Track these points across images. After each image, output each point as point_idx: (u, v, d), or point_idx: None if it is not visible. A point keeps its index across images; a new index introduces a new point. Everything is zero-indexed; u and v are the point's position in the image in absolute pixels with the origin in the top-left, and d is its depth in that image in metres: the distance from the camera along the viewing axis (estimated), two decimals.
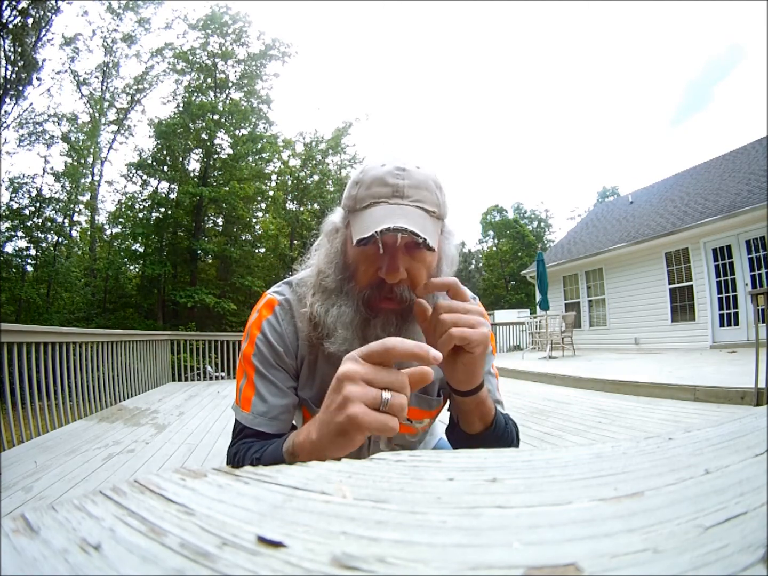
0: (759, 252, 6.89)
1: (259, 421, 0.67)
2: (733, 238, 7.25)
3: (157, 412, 4.17)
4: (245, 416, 0.67)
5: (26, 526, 0.19)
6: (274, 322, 0.69)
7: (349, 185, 0.63)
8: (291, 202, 19.33)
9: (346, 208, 0.64)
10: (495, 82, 57.71)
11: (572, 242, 12.19)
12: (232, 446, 0.70)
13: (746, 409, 2.14)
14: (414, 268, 0.60)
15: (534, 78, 57.06)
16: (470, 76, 59.88)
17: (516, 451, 0.29)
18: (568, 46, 56.72)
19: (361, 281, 0.62)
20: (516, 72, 57.33)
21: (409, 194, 0.58)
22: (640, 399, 3.65)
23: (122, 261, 16.06)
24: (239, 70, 17.64)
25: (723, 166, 9.73)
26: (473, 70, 57.45)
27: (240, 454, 0.66)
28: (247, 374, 0.69)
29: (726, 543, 0.16)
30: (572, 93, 58.16)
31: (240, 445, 0.67)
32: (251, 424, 0.67)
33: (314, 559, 0.16)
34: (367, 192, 0.59)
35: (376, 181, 0.59)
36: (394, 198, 0.58)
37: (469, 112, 60.58)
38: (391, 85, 56.53)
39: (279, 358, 0.69)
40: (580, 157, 58.74)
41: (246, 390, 0.68)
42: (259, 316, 0.70)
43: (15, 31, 13.27)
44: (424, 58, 57.62)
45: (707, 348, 7.37)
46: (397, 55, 56.44)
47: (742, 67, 53.81)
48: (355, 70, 50.51)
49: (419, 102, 58.91)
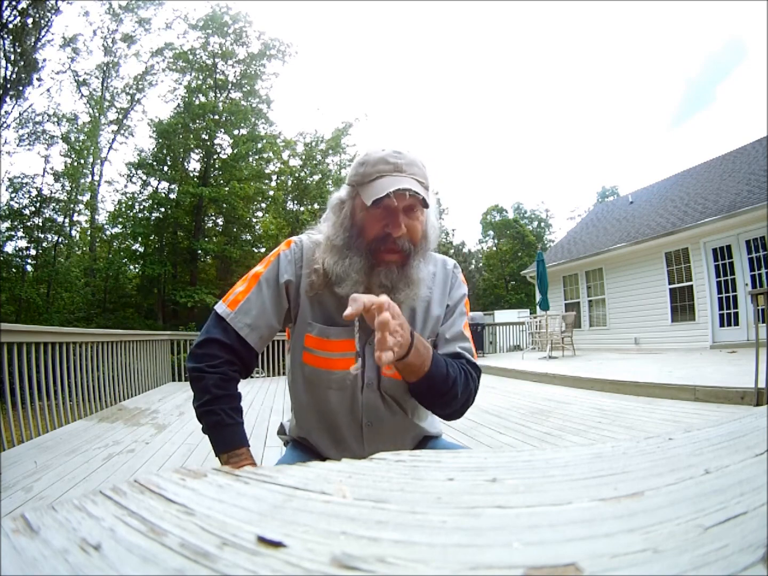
0: (759, 252, 6.89)
1: (239, 320, 0.78)
2: (733, 238, 7.25)
3: (157, 412, 4.17)
4: (228, 312, 0.79)
5: (26, 526, 0.19)
6: (289, 255, 0.84)
7: (355, 165, 0.79)
8: (291, 202, 19.32)
9: (354, 183, 0.79)
10: (495, 82, 57.76)
11: (572, 242, 12.19)
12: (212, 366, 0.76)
13: (746, 409, 2.14)
14: (411, 225, 0.77)
15: (533, 78, 57.10)
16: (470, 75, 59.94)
17: (516, 451, 0.29)
18: (568, 46, 56.79)
19: (369, 236, 0.77)
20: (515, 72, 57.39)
21: (406, 170, 0.75)
22: (640, 399, 3.65)
23: (122, 261, 16.04)
24: (239, 70, 17.62)
25: (723, 166, 9.73)
26: (473, 70, 57.48)
27: (215, 390, 0.74)
28: (248, 285, 0.82)
29: (726, 543, 0.16)
30: (572, 92, 58.21)
31: (220, 379, 0.75)
32: (231, 321, 0.78)
33: (314, 559, 0.16)
34: (374, 168, 0.75)
35: (380, 161, 0.75)
36: (395, 172, 0.74)
37: (469, 112, 60.64)
38: (391, 85, 56.56)
39: (279, 292, 0.81)
40: (580, 157, 58.74)
41: (239, 295, 0.81)
42: (277, 249, 0.86)
43: (15, 31, 13.27)
44: (423, 58, 57.67)
45: (707, 348, 7.36)
46: (396, 55, 56.49)
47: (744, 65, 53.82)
48: (354, 70, 50.47)
49: (419, 102, 58.96)
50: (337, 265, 0.77)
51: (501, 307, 23.08)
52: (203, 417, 0.75)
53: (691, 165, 11.36)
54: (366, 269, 0.76)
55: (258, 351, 0.82)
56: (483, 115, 59.29)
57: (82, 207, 16.33)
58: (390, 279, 0.75)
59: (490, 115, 59.63)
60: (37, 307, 13.56)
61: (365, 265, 0.76)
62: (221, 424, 0.74)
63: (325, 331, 0.80)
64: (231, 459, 0.73)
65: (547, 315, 7.85)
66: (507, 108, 59.10)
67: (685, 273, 8.13)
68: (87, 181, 16.23)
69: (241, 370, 0.80)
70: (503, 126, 59.58)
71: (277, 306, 0.82)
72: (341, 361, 0.80)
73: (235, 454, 0.73)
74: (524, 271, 13.05)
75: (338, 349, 0.80)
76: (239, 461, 0.73)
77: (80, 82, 16.55)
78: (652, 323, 8.62)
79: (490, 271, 30.52)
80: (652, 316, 8.65)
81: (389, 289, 0.76)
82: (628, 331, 9.13)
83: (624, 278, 9.32)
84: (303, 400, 0.86)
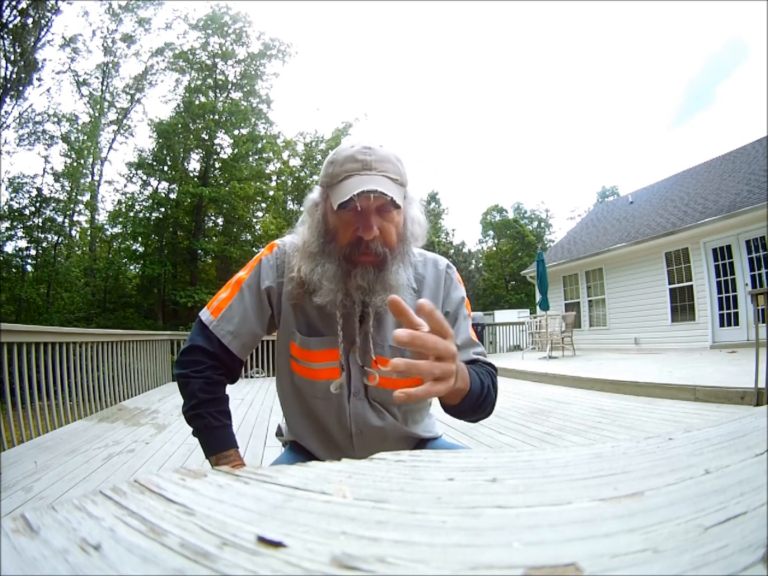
0: (759, 252, 6.89)
1: (222, 327, 0.78)
2: (733, 238, 7.25)
3: (157, 412, 4.17)
4: (211, 320, 0.79)
5: (26, 526, 0.19)
6: (271, 260, 0.82)
7: (325, 166, 0.74)
8: (291, 202, 19.32)
9: (324, 185, 0.74)
10: (494, 82, 57.74)
11: (572, 242, 12.18)
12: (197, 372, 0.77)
13: (746, 409, 2.14)
14: (385, 227, 0.71)
15: (534, 77, 57.09)
16: (470, 75, 59.93)
17: (516, 451, 0.29)
18: (568, 46, 56.75)
19: (341, 241, 0.72)
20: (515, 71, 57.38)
21: (376, 167, 0.69)
22: (640, 399, 3.65)
23: (122, 261, 16.04)
24: (239, 70, 17.62)
25: (723, 166, 9.72)
26: (473, 70, 57.48)
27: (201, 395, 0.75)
28: (231, 291, 0.81)
29: (726, 543, 0.16)
30: (572, 92, 58.20)
31: (205, 383, 0.76)
32: (214, 329, 0.78)
33: (314, 559, 0.16)
34: (341, 168, 0.70)
35: (347, 159, 0.70)
36: (363, 170, 0.69)
37: (469, 112, 60.63)
38: (391, 85, 56.55)
39: (261, 298, 0.80)
40: (580, 157, 58.73)
41: (222, 302, 0.80)
42: (260, 254, 0.84)
43: (15, 31, 13.27)
44: (423, 58, 57.67)
45: (707, 348, 7.36)
46: (396, 55, 56.49)
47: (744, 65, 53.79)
48: (354, 70, 50.51)
49: (419, 102, 58.94)
50: (312, 273, 0.74)
51: (501, 307, 23.08)
52: (191, 421, 0.77)
53: (691, 165, 11.37)
54: (341, 276, 0.72)
55: (242, 359, 0.81)
56: (483, 115, 59.31)
57: (82, 207, 16.36)
58: (366, 280, 0.71)
59: (490, 115, 59.65)
60: (37, 307, 13.57)
61: (339, 272, 0.72)
62: (209, 427, 0.75)
63: (306, 342, 0.78)
64: (220, 461, 0.74)
65: (547, 315, 7.85)
66: (507, 108, 59.11)
67: (685, 273, 8.12)
68: (87, 181, 16.24)
69: (226, 374, 0.81)
70: (503, 126, 59.60)
71: (259, 313, 0.80)
72: (323, 371, 0.78)
73: (223, 456, 0.74)
74: (524, 271, 13.05)
75: (320, 360, 0.78)
76: (228, 462, 0.74)
77: (80, 82, 16.56)
78: (652, 323, 8.62)
79: (490, 271, 30.50)
80: (652, 316, 8.65)
81: (366, 290, 0.72)
82: (628, 331, 9.13)
83: (624, 278, 9.32)
84: (293, 407, 0.85)
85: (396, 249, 0.74)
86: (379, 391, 0.79)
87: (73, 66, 16.45)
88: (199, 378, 0.76)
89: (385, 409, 0.81)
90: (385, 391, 0.79)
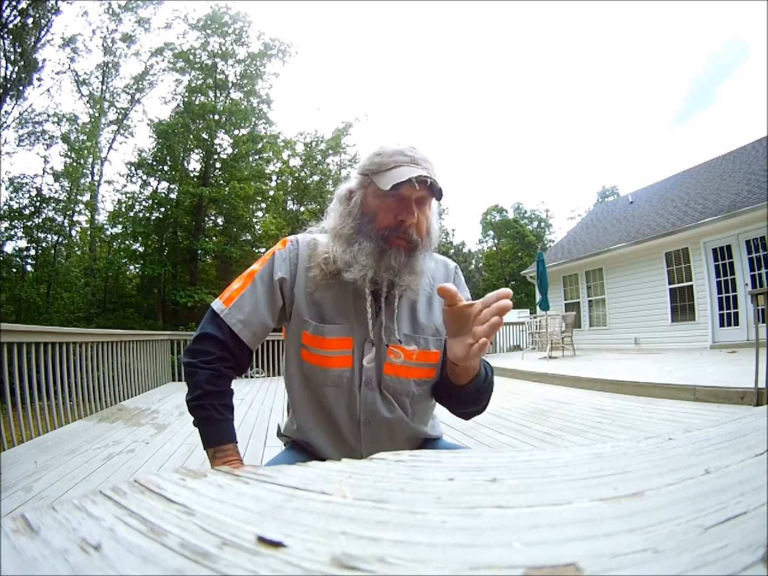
0: (759, 252, 6.89)
1: (232, 316, 0.80)
2: (733, 238, 7.25)
3: (157, 412, 4.17)
4: (222, 309, 0.81)
5: (26, 526, 0.19)
6: (284, 253, 0.85)
7: (370, 156, 0.81)
8: (291, 202, 19.32)
9: (368, 172, 0.80)
10: (495, 82, 57.72)
11: (572, 242, 12.18)
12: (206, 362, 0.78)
13: (746, 409, 2.14)
14: (420, 217, 0.79)
15: (534, 77, 57.06)
16: (470, 75, 59.90)
17: (516, 451, 0.29)
18: (568, 46, 56.71)
19: (380, 223, 0.78)
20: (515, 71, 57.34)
21: (421, 163, 0.77)
22: (640, 399, 3.65)
23: (122, 261, 16.03)
24: (239, 70, 17.61)
25: (723, 166, 9.72)
26: (473, 70, 57.46)
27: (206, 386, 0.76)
28: (244, 282, 0.83)
29: (726, 543, 0.16)
30: (572, 92, 58.17)
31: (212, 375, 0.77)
32: (225, 318, 0.80)
33: (314, 559, 0.16)
34: (391, 158, 0.77)
35: (396, 153, 0.78)
36: (412, 164, 0.76)
37: (469, 112, 60.61)
38: (391, 85, 56.53)
39: (273, 289, 0.82)
40: (580, 157, 58.74)
41: (234, 292, 0.82)
42: (273, 248, 0.87)
43: (15, 31, 13.27)
44: (423, 58, 57.64)
45: (707, 348, 7.36)
46: (396, 55, 56.44)
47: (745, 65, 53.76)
48: (354, 70, 50.50)
49: (419, 102, 58.92)
50: (345, 252, 0.78)
51: None
52: (194, 411, 0.78)
53: (691, 165, 11.37)
54: (376, 254, 0.77)
55: (251, 348, 0.83)
56: (483, 115, 59.30)
57: (82, 207, 16.34)
58: (398, 261, 0.77)
59: (490, 115, 59.65)
60: (37, 307, 13.56)
61: (375, 249, 0.77)
62: (210, 419, 0.76)
63: (320, 329, 0.81)
64: (217, 454, 0.75)
65: (547, 315, 7.85)
66: (507, 108, 59.10)
67: (685, 273, 8.12)
68: (87, 181, 16.23)
69: (234, 366, 0.82)
70: (503, 126, 59.59)
71: (270, 303, 0.83)
72: (336, 359, 0.80)
73: (221, 449, 0.75)
74: (524, 271, 13.04)
75: (333, 347, 0.80)
76: (224, 456, 0.75)
77: (80, 82, 16.55)
78: (652, 323, 8.62)
79: (490, 271, 30.50)
80: (652, 316, 8.65)
81: (395, 271, 0.77)
82: (628, 331, 9.13)
83: (624, 278, 9.32)
84: (301, 397, 0.86)
85: (425, 240, 0.81)
86: (392, 380, 0.82)
87: (73, 66, 16.45)
88: (206, 369, 0.77)
89: (396, 401, 0.83)
90: (399, 381, 0.82)
